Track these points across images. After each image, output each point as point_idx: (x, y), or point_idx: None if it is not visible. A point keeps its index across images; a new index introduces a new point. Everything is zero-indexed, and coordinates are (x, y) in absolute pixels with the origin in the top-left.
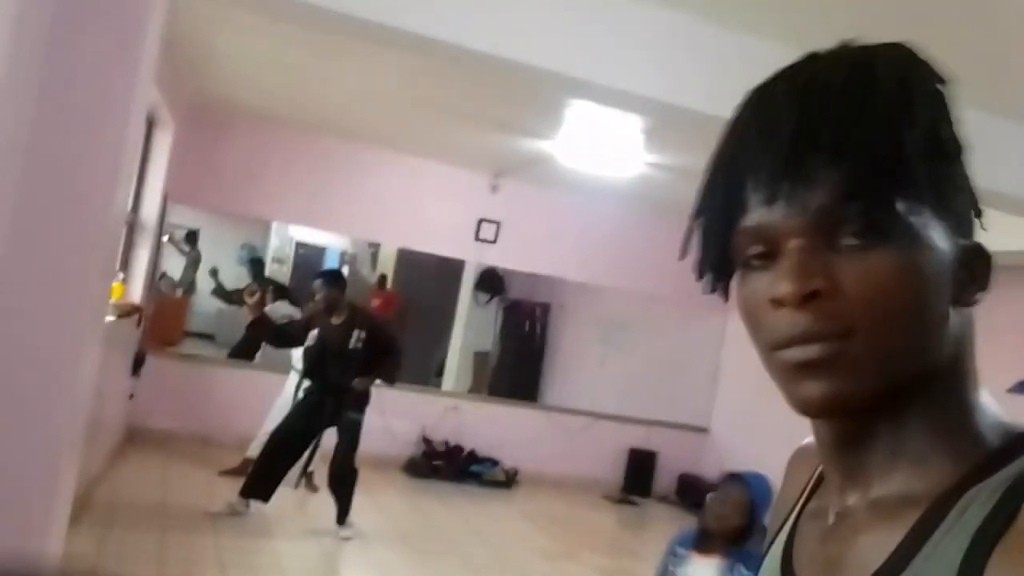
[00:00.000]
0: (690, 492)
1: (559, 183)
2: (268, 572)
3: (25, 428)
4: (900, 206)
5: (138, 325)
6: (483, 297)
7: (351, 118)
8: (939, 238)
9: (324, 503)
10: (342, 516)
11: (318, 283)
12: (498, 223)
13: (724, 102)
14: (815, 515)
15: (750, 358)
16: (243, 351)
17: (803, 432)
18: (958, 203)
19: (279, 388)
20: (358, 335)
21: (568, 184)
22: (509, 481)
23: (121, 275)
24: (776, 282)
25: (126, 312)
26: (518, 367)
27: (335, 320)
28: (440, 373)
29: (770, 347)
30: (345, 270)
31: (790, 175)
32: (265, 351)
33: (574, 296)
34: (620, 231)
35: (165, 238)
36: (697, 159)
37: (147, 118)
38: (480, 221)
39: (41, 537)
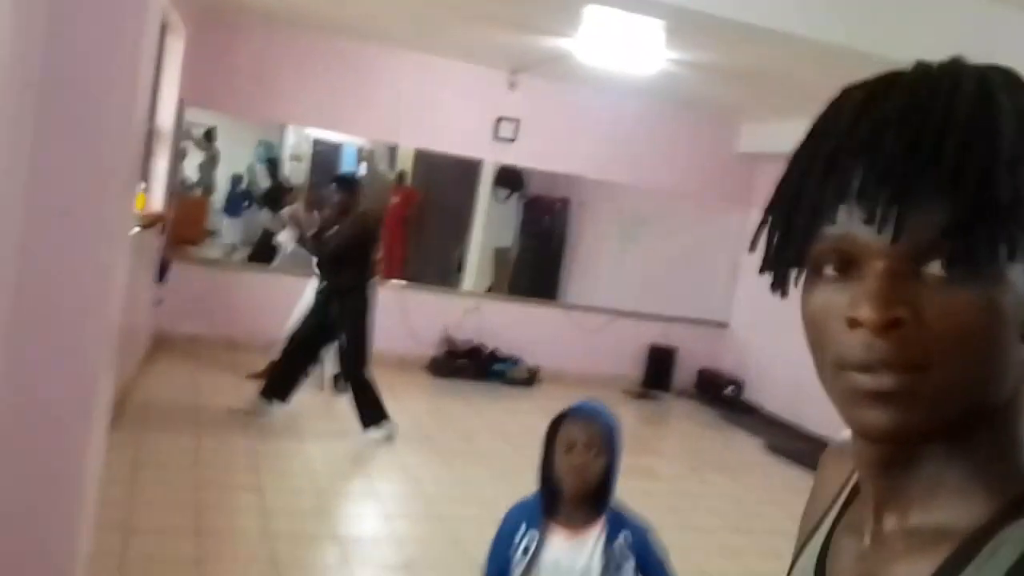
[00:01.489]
0: (710, 387)
1: (579, 79)
2: (299, 474)
3: (62, 341)
4: (1001, 249)
5: (161, 233)
6: (502, 193)
7: (365, 18)
8: (1021, 279)
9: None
10: (364, 420)
11: (332, 187)
12: (517, 121)
13: (746, 5)
14: (850, 530)
15: None
16: (261, 254)
17: None
18: None
19: (300, 290)
20: (337, 230)
21: (588, 80)
22: (531, 379)
23: (142, 184)
24: (857, 302)
25: (150, 221)
26: (538, 264)
27: (343, 222)
28: (460, 270)
29: (837, 365)
30: (363, 167)
31: (896, 196)
32: (284, 255)
33: (594, 192)
34: (641, 127)
35: (187, 140)
36: (720, 56)
37: (160, 24)
38: (499, 119)
39: (83, 443)
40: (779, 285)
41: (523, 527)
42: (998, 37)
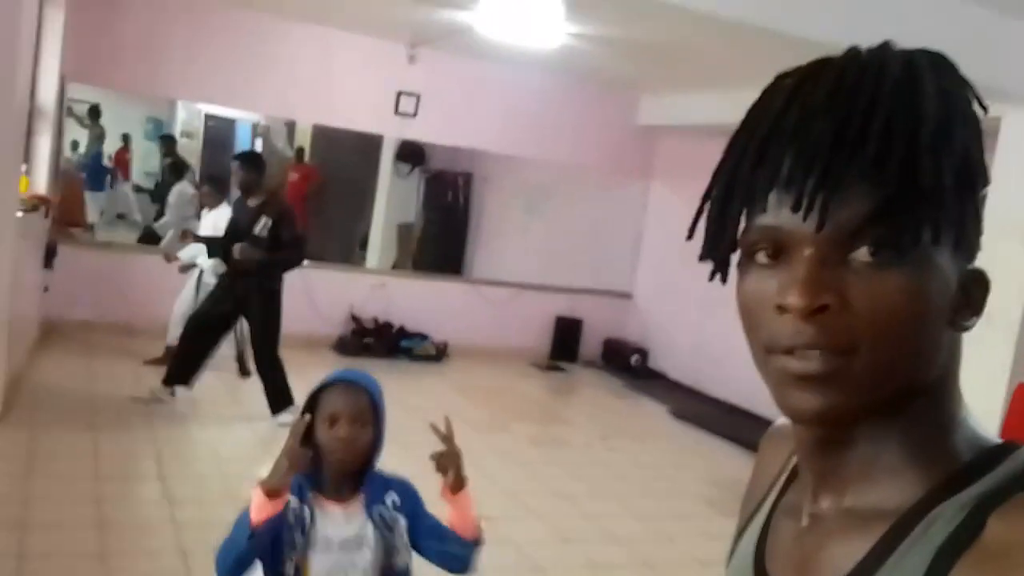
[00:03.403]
0: (615, 356)
1: (479, 53)
2: (205, 461)
3: None
4: (925, 233)
5: (46, 216)
6: (404, 168)
7: None
8: (947, 263)
9: (256, 388)
10: (273, 404)
11: (235, 164)
12: (417, 95)
13: None
14: (789, 512)
15: (670, 225)
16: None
17: (720, 296)
18: (972, 231)
19: (193, 272)
20: (265, 222)
21: (488, 54)
22: (439, 355)
23: (25, 165)
24: (785, 288)
25: (33, 205)
26: (442, 238)
27: (250, 203)
28: (364, 247)
29: (767, 350)
30: (259, 143)
31: (822, 183)
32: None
33: (497, 166)
34: (542, 101)
35: (70, 118)
36: (620, 30)
37: None
38: (399, 94)
39: None
40: (719, 271)
41: (293, 500)
42: (893, 18)
